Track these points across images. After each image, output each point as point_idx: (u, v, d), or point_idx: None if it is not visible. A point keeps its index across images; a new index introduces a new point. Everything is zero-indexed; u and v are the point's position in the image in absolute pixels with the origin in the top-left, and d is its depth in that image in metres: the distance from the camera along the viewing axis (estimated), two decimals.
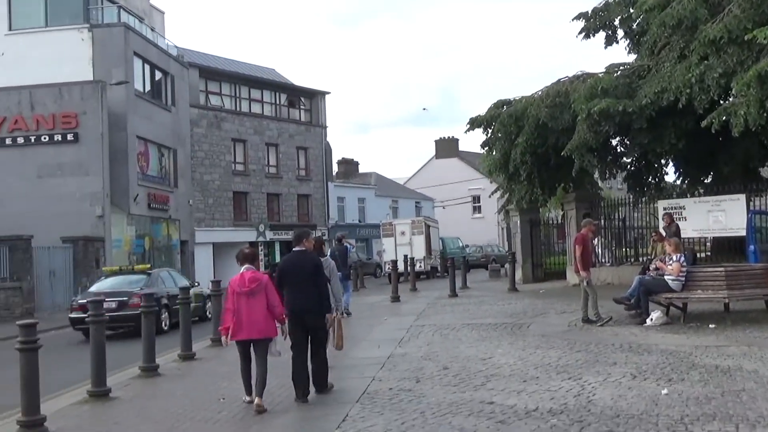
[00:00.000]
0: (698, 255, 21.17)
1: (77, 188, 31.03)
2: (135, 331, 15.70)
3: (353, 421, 7.80)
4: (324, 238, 36.95)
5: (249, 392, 8.96)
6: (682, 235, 19.33)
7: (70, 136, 31.43)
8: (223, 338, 9.23)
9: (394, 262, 25.32)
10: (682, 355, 10.45)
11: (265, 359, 8.87)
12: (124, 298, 18.26)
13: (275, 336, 8.98)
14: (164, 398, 9.79)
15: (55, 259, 28.32)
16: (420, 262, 36.60)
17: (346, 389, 9.46)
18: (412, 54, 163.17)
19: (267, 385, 8.87)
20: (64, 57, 32.67)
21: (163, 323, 18.58)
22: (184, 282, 20.24)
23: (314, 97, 52.42)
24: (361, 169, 66.24)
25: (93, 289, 20.29)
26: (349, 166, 63.80)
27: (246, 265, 9.09)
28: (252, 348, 8.95)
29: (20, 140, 31.64)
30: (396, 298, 22.60)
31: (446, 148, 71.55)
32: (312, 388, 9.17)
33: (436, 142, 73.17)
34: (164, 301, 18.76)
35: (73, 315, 18.67)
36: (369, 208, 59.04)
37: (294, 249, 9.41)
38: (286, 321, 9.07)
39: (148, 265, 24.71)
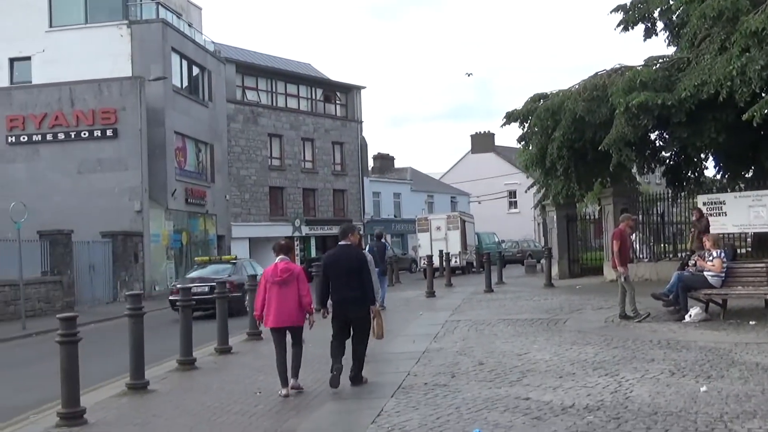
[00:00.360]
0: (738, 250, 20.83)
1: (116, 183, 31.49)
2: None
3: (388, 415, 7.80)
4: (360, 233, 37.12)
5: (285, 384, 9.13)
6: (723, 231, 19.05)
7: (109, 132, 31.88)
8: (258, 323, 9.91)
9: (430, 258, 25.27)
10: (721, 352, 10.30)
11: (300, 345, 9.31)
12: (214, 284, 19.75)
13: (303, 324, 9.31)
14: (201, 391, 9.87)
15: (95, 253, 28.73)
16: (455, 258, 36.48)
17: (381, 384, 9.48)
18: (448, 48, 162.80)
19: (303, 381, 9.08)
20: (103, 53, 33.15)
21: (246, 306, 19.86)
22: (261, 270, 21.25)
23: (350, 91, 52.53)
24: (397, 164, 66.28)
25: (189, 276, 23.84)
26: (384, 161, 63.80)
27: (281, 256, 9.42)
28: (288, 335, 9.33)
29: (61, 136, 32.15)
30: (431, 294, 22.56)
31: (482, 142, 71.34)
32: (347, 381, 9.33)
33: (471, 136, 73.04)
34: (246, 286, 20.24)
35: (172, 297, 20.90)
36: (404, 203, 59.03)
37: (339, 243, 9.64)
38: (330, 312, 9.43)
39: (234, 256, 28.04)
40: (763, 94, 18.52)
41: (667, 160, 25.41)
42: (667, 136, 22.63)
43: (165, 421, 8.39)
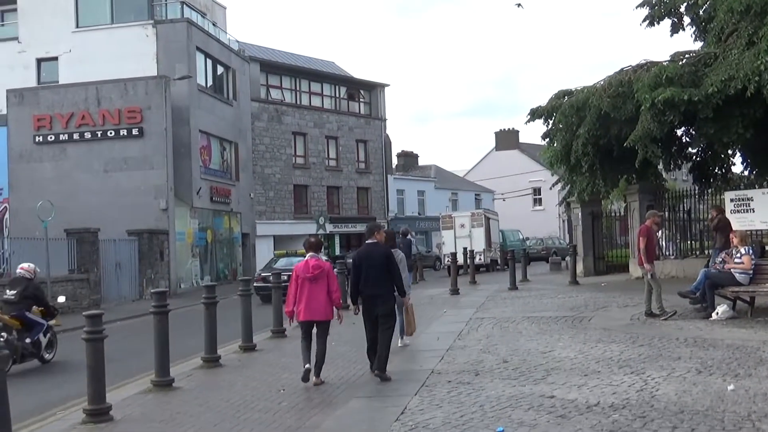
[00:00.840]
0: (766, 247, 20.59)
1: (142, 182, 31.72)
2: None
3: (412, 413, 7.79)
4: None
5: (308, 360, 9.50)
6: (750, 227, 18.83)
7: (135, 131, 32.12)
8: (288, 320, 10.22)
9: (454, 255, 25.21)
10: (749, 350, 10.19)
11: (325, 340, 9.67)
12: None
13: (332, 318, 9.70)
14: (225, 389, 9.92)
15: (121, 251, 28.95)
16: (479, 255, 36.38)
17: (405, 381, 9.48)
18: (472, 45, 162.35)
19: (327, 379, 9.24)
20: (129, 53, 33.42)
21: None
22: None
23: (374, 89, 52.53)
24: (421, 162, 66.17)
25: (274, 266, 25.91)
26: (408, 159, 63.73)
27: (311, 253, 9.90)
28: (314, 328, 9.66)
29: (87, 135, 32.43)
30: (455, 291, 22.50)
31: (506, 139, 71.06)
32: (372, 377, 9.57)
33: (496, 133, 72.74)
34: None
35: (256, 284, 22.76)
36: (428, 200, 58.95)
37: (367, 242, 10.18)
38: (360, 307, 9.87)
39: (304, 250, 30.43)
40: None
41: (694, 157, 25.18)
42: (693, 132, 22.41)
43: (189, 418, 8.43)
